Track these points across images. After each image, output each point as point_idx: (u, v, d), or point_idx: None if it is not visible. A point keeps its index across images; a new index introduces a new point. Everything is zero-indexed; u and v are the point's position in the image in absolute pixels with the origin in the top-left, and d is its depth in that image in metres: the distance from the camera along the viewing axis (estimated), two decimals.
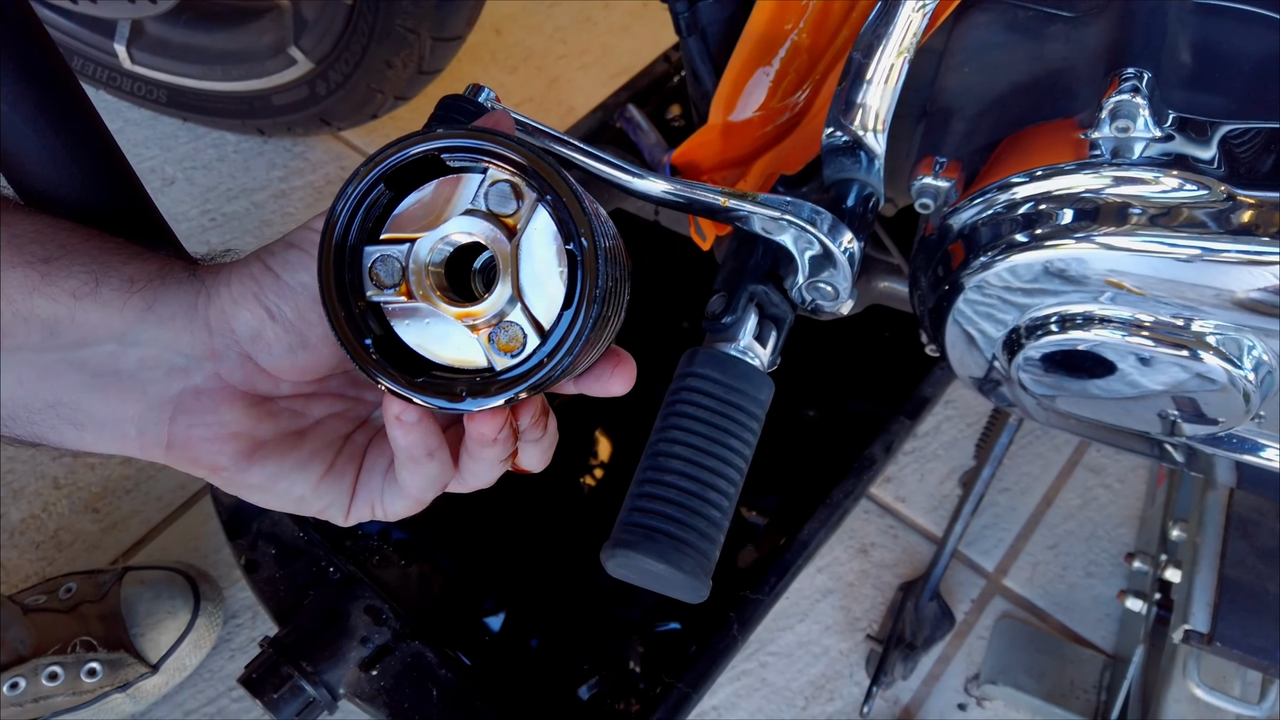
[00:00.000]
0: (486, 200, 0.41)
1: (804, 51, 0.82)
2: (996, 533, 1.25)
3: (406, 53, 1.23)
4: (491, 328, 0.41)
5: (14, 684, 0.97)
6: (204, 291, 0.45)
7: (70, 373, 0.45)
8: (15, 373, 0.44)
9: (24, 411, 0.45)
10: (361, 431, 0.51)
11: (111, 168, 0.59)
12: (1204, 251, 0.62)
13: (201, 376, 0.45)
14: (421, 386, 0.41)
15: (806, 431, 1.25)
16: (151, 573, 1.06)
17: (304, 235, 0.45)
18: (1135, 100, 0.62)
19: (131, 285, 0.45)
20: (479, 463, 0.47)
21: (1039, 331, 0.71)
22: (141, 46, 1.41)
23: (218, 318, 0.45)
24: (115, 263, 0.46)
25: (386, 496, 0.50)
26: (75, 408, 0.45)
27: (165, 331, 0.45)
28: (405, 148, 0.40)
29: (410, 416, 0.43)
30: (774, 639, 1.16)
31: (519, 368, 0.41)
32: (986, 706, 1.13)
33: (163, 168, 1.51)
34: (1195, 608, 0.91)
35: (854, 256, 0.69)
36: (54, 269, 0.44)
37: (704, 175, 0.86)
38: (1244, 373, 0.67)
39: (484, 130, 0.40)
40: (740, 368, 0.66)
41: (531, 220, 0.40)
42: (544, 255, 0.41)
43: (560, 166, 0.40)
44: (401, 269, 0.41)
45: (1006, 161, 0.69)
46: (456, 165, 0.41)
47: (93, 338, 0.45)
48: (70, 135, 0.55)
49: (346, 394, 0.51)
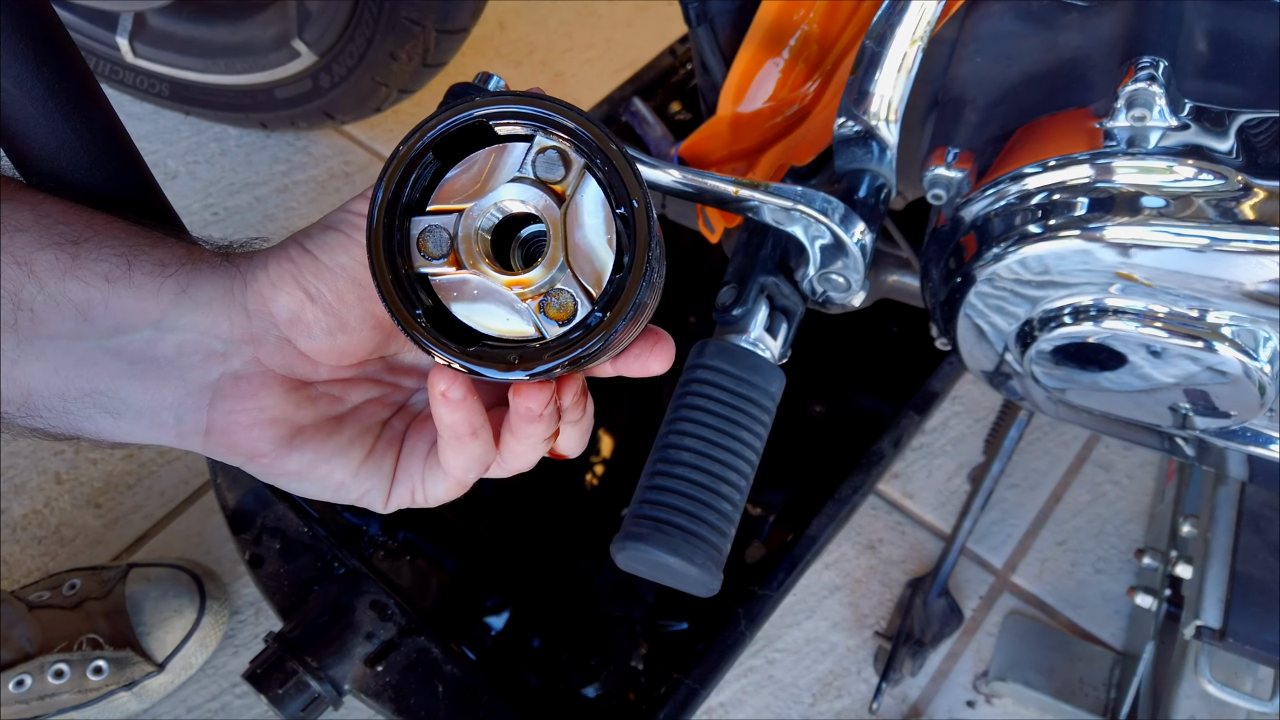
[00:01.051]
0: (534, 168, 0.40)
1: (814, 42, 0.82)
2: (1005, 529, 1.24)
3: (411, 45, 1.23)
4: (542, 296, 0.40)
5: (20, 681, 0.96)
6: (239, 276, 0.45)
7: (107, 360, 0.44)
8: (50, 361, 0.43)
9: (60, 401, 0.44)
10: (399, 417, 0.51)
11: (122, 156, 0.58)
12: (1220, 242, 0.61)
13: (240, 361, 0.45)
14: (473, 356, 0.40)
15: (814, 427, 1.25)
16: (157, 570, 1.05)
17: (341, 217, 0.45)
18: (1151, 89, 0.61)
19: (164, 269, 0.44)
20: (523, 441, 0.46)
21: (1052, 324, 0.70)
22: (144, 40, 1.40)
23: (256, 301, 0.44)
24: (144, 246, 0.45)
25: (428, 480, 0.49)
26: (113, 396, 0.44)
27: (202, 317, 0.44)
28: (455, 114, 0.39)
29: (456, 393, 0.43)
30: (781, 635, 1.15)
31: (571, 335, 0.40)
32: (995, 703, 1.12)
33: (165, 161, 1.50)
34: (1207, 603, 0.90)
35: (866, 247, 0.69)
36: (84, 251, 0.43)
37: (712, 167, 0.86)
38: (1260, 365, 0.66)
39: (534, 95, 0.39)
40: (751, 359, 0.66)
41: (581, 188, 0.40)
42: (593, 222, 0.40)
43: (609, 131, 0.39)
44: (450, 239, 0.40)
45: (1020, 152, 0.68)
46: (504, 133, 0.40)
47: (128, 324, 0.44)
48: (80, 120, 0.54)
49: (384, 379, 0.50)
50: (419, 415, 0.51)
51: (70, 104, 0.50)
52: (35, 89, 0.49)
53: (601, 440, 1.24)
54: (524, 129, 0.40)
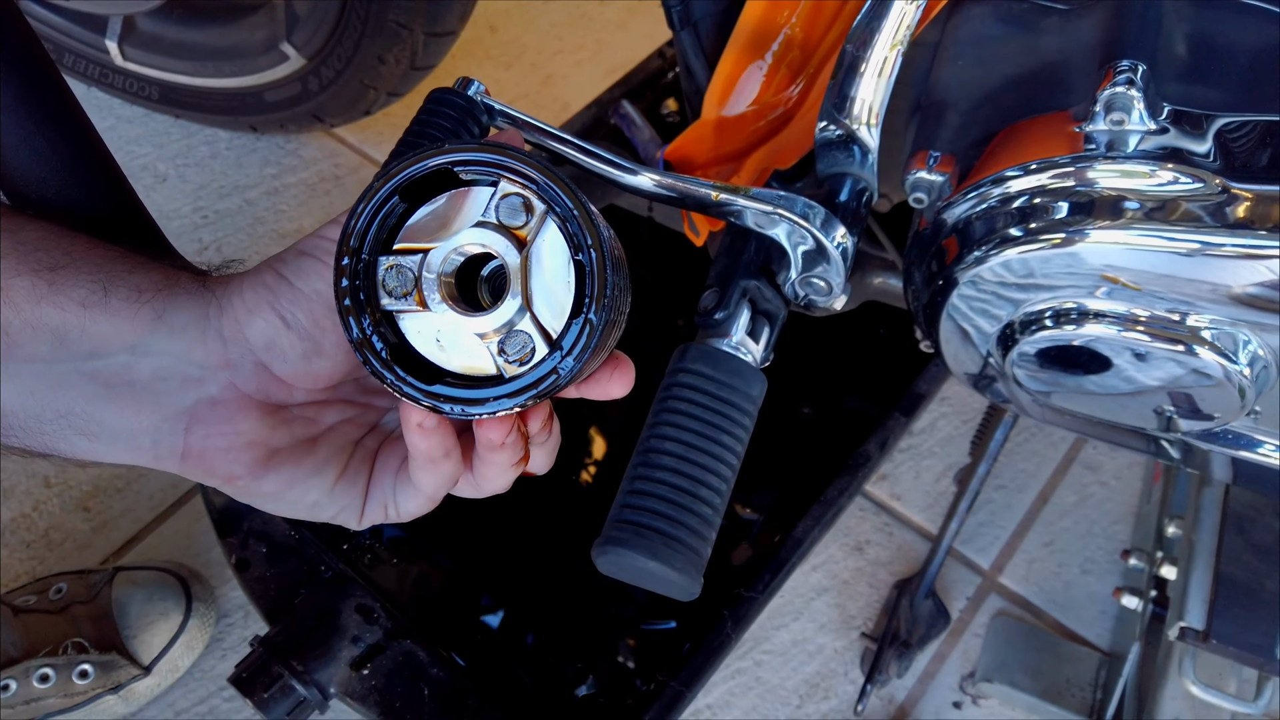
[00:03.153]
0: (498, 212, 0.42)
1: (797, 46, 0.82)
2: (992, 530, 1.24)
3: (399, 48, 1.23)
4: (501, 336, 0.42)
5: (5, 686, 0.96)
6: (215, 302, 0.46)
7: (83, 383, 0.45)
8: (26, 383, 0.44)
9: (35, 422, 0.45)
10: (372, 436, 0.52)
11: (101, 170, 0.58)
12: (1198, 245, 0.62)
13: (216, 386, 0.46)
14: (435, 394, 0.42)
15: (801, 429, 1.25)
16: (143, 573, 1.05)
17: (315, 243, 0.46)
18: (1130, 93, 0.61)
19: (140, 295, 0.45)
20: (490, 467, 0.48)
21: (1033, 326, 0.71)
22: (133, 43, 1.40)
23: (231, 327, 0.45)
24: (121, 271, 0.46)
25: (400, 497, 0.50)
26: (88, 418, 0.45)
27: (178, 342, 0.45)
28: (421, 160, 0.41)
29: (430, 423, 0.44)
30: (769, 637, 1.16)
31: (528, 375, 0.42)
32: (982, 704, 1.12)
33: (155, 165, 1.50)
34: (1191, 605, 0.90)
35: (847, 251, 0.69)
36: (61, 277, 0.44)
37: (698, 170, 0.86)
38: (1239, 367, 0.66)
39: (497, 145, 0.41)
40: (732, 363, 0.66)
41: (541, 232, 0.42)
42: (552, 266, 0.42)
43: (570, 181, 0.41)
44: (415, 279, 0.42)
45: (1001, 155, 0.68)
46: (468, 177, 0.42)
47: (104, 348, 0.45)
48: (56, 134, 0.54)
49: (356, 400, 0.51)
50: (390, 435, 0.52)
51: (45, 119, 0.51)
52: (8, 103, 0.49)
53: (591, 441, 1.24)
54: (489, 176, 0.42)
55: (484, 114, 0.63)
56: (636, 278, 0.47)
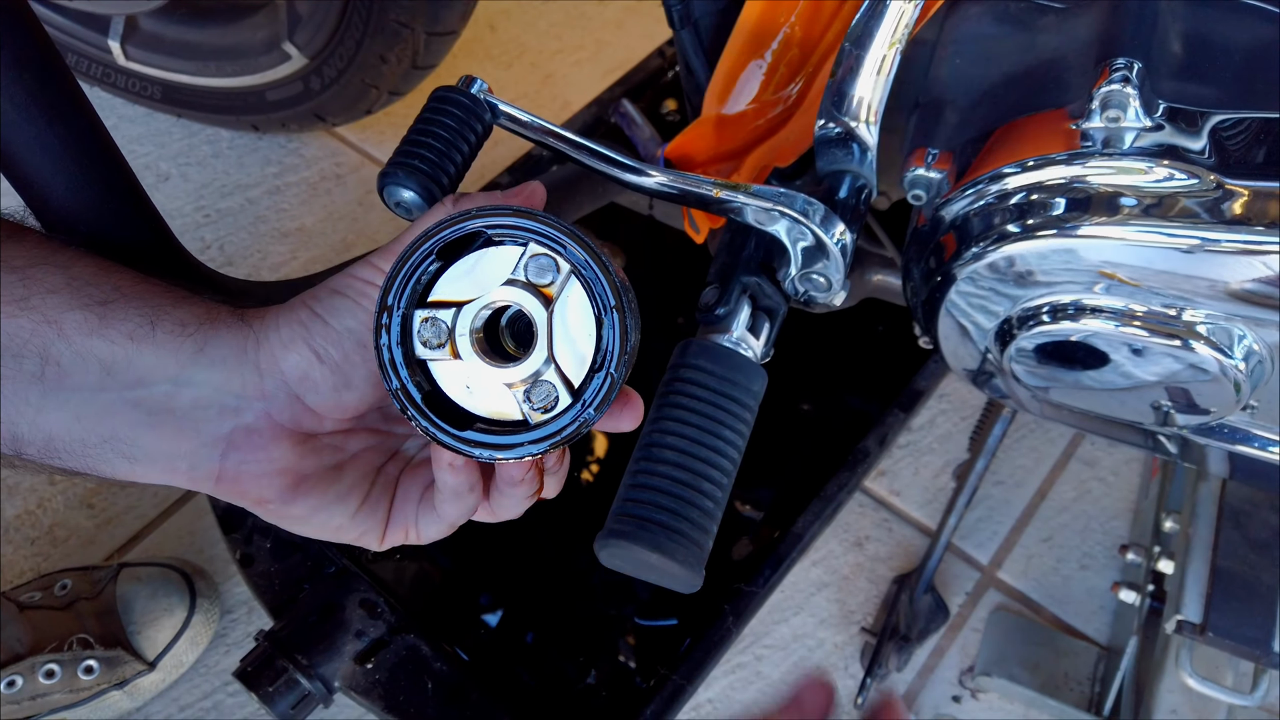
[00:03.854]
0: (526, 271, 0.45)
1: (796, 44, 0.82)
2: (991, 525, 1.25)
3: (400, 48, 1.23)
4: (527, 386, 0.45)
5: (11, 682, 0.97)
6: (252, 336, 0.49)
7: (127, 410, 0.48)
8: (73, 410, 0.47)
9: (80, 446, 0.48)
10: (393, 462, 0.55)
11: (136, 205, 0.60)
12: (1193, 241, 0.62)
13: (252, 415, 0.49)
14: (466, 439, 0.46)
15: (801, 425, 1.25)
16: (147, 569, 1.06)
17: (348, 284, 0.49)
18: (1125, 90, 0.62)
19: (184, 329, 0.48)
20: (509, 499, 0.52)
21: (1030, 322, 0.71)
22: (136, 43, 1.41)
23: (268, 361, 0.48)
24: (166, 306, 0.49)
25: (422, 522, 0.54)
26: (131, 443, 0.48)
27: (217, 374, 0.48)
28: (458, 224, 0.45)
29: (459, 462, 0.48)
30: (769, 632, 1.16)
31: (553, 424, 0.45)
32: (981, 699, 1.13)
33: (157, 164, 1.51)
34: (1188, 598, 0.91)
35: (846, 248, 0.70)
36: (111, 311, 0.47)
37: (698, 168, 0.86)
38: (1234, 362, 0.67)
39: (529, 212, 0.45)
40: (733, 359, 0.67)
41: (565, 290, 0.45)
42: (576, 321, 0.45)
43: (594, 244, 0.45)
44: (448, 330, 0.45)
45: (998, 152, 0.69)
46: (499, 238, 0.46)
47: (149, 378, 0.47)
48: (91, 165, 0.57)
49: (380, 428, 0.55)
50: (412, 461, 0.56)
51: (83, 155, 0.53)
52: (50, 143, 0.52)
53: (592, 439, 1.25)
54: (519, 238, 0.45)
55: (487, 112, 0.64)
56: (637, 276, 0.48)
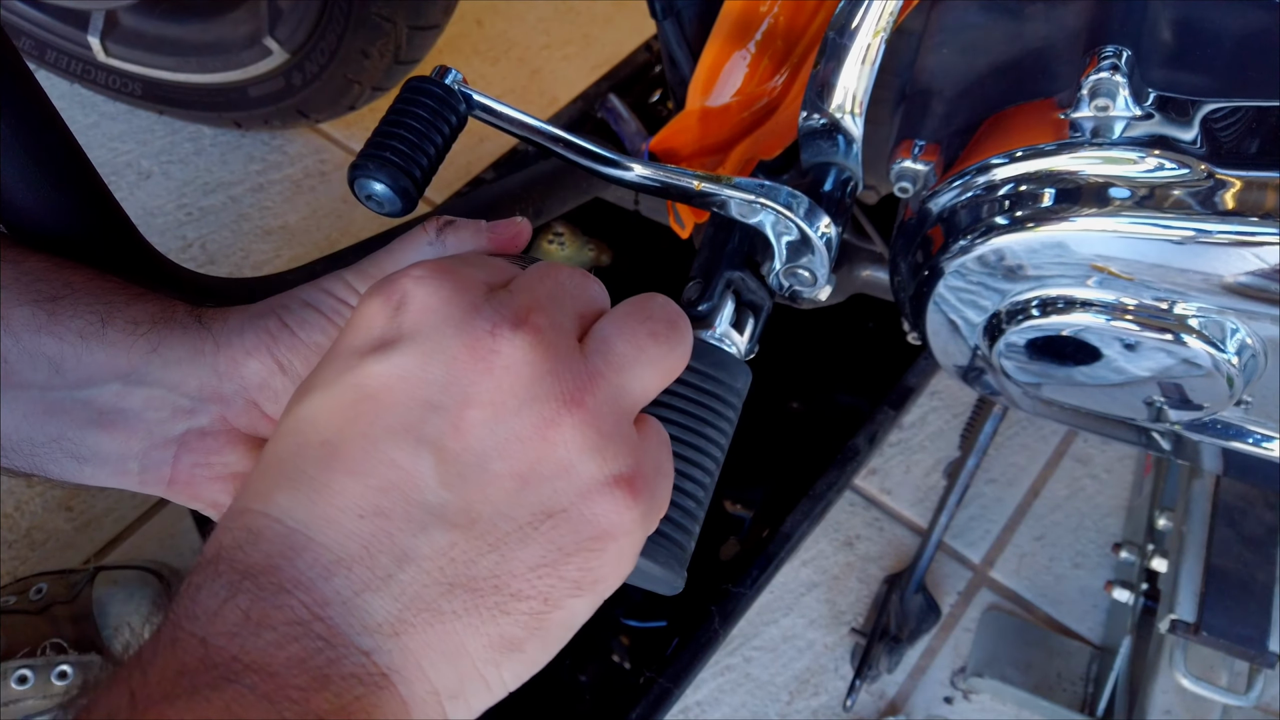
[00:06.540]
0: None
1: (780, 35, 0.81)
2: (983, 524, 1.24)
3: (383, 42, 1.22)
4: None
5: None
6: (210, 338, 0.47)
7: (76, 409, 0.46)
8: (21, 408, 0.46)
9: (28, 445, 0.47)
10: None
11: (91, 194, 0.58)
12: (1184, 232, 0.61)
13: (207, 418, 0.47)
14: None
15: (790, 423, 1.24)
16: (124, 573, 1.04)
17: (321, 299, 0.48)
18: (1114, 78, 0.61)
19: (136, 327, 0.47)
20: None
21: (1019, 316, 0.70)
22: (116, 39, 1.39)
23: (228, 364, 0.47)
24: (119, 303, 0.47)
25: None
26: (79, 443, 0.47)
27: (171, 373, 0.47)
28: None
29: None
30: (758, 633, 1.15)
31: None
32: (973, 699, 1.12)
33: (139, 161, 1.49)
34: (1182, 597, 0.90)
35: (831, 241, 0.68)
36: (61, 308, 0.46)
37: (683, 162, 0.85)
38: (1227, 356, 0.66)
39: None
40: (716, 355, 0.65)
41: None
42: None
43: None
44: None
45: (986, 143, 0.67)
46: None
47: (99, 377, 0.46)
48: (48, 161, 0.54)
49: None
50: None
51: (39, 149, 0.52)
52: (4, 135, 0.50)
53: None
54: None
55: (461, 104, 0.62)
56: (622, 272, 0.47)
